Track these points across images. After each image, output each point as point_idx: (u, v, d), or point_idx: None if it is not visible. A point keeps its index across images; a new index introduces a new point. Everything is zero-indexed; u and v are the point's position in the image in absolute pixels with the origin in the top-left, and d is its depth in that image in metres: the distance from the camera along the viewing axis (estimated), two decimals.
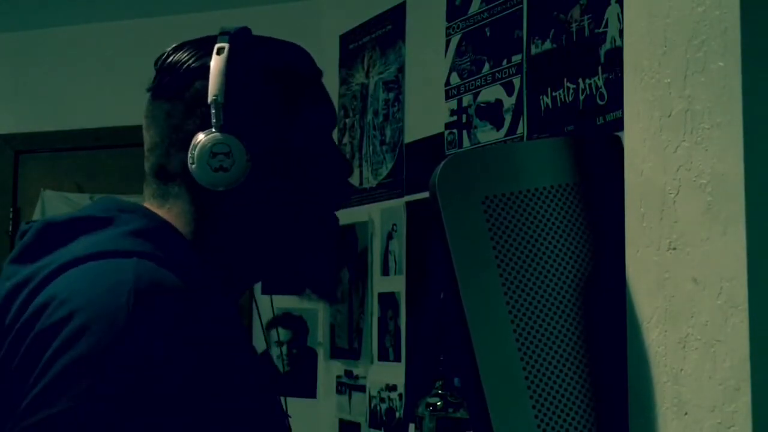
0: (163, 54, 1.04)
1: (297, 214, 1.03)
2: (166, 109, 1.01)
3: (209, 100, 0.98)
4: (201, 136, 0.97)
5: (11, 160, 3.86)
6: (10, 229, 3.79)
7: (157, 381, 0.82)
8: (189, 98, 1.00)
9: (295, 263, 1.06)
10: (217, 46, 1.00)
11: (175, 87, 1.01)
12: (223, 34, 1.01)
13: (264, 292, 1.14)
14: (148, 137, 1.04)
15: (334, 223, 1.08)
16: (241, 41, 1.02)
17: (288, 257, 1.05)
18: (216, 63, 0.99)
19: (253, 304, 1.36)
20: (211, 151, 0.97)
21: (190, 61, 1.01)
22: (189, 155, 0.98)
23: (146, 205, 1.03)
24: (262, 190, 1.01)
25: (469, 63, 2.56)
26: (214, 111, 0.98)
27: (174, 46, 1.04)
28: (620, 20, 2.00)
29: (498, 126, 2.42)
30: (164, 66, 1.03)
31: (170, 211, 1.01)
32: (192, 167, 0.97)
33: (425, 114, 2.77)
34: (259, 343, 3.42)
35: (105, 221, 0.96)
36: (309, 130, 1.04)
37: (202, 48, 1.02)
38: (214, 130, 0.97)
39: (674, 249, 0.91)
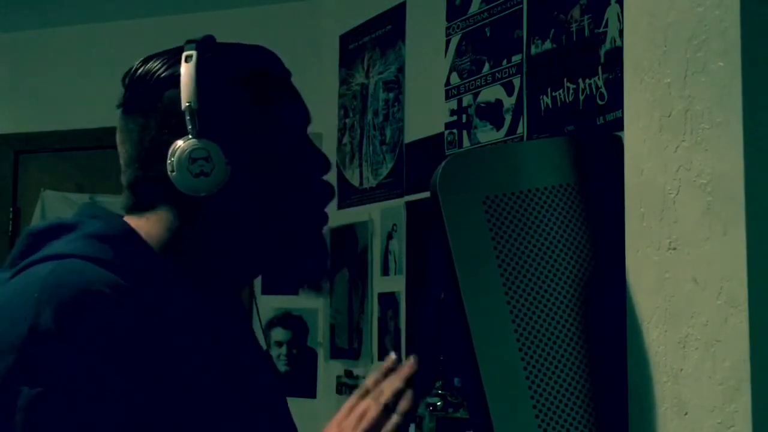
0: (131, 69, 1.04)
1: (280, 214, 1.03)
2: (140, 122, 1.01)
3: (183, 107, 0.98)
4: (179, 143, 0.97)
5: (11, 160, 3.86)
6: (11, 229, 3.79)
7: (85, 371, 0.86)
8: (162, 109, 1.00)
9: (284, 261, 1.06)
10: (184, 54, 1.01)
11: (146, 99, 1.01)
12: (190, 42, 1.02)
13: (246, 282, 1.14)
14: (123, 152, 1.04)
15: (321, 219, 1.08)
16: (208, 48, 1.02)
17: (275, 256, 1.05)
18: (186, 70, 0.99)
19: (254, 304, 1.36)
20: (190, 157, 0.97)
21: (159, 72, 1.02)
22: (168, 163, 0.97)
23: (125, 218, 1.04)
24: (243, 192, 1.01)
25: (469, 63, 2.56)
26: (188, 117, 0.97)
27: (141, 60, 1.05)
28: (620, 20, 2.00)
29: (498, 126, 2.42)
30: (133, 80, 1.03)
31: (148, 221, 1.02)
32: (172, 175, 0.97)
33: (425, 114, 2.77)
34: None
35: (72, 227, 0.99)
36: (283, 130, 1.04)
37: (170, 58, 1.02)
38: (191, 136, 0.97)
39: (674, 249, 0.91)
